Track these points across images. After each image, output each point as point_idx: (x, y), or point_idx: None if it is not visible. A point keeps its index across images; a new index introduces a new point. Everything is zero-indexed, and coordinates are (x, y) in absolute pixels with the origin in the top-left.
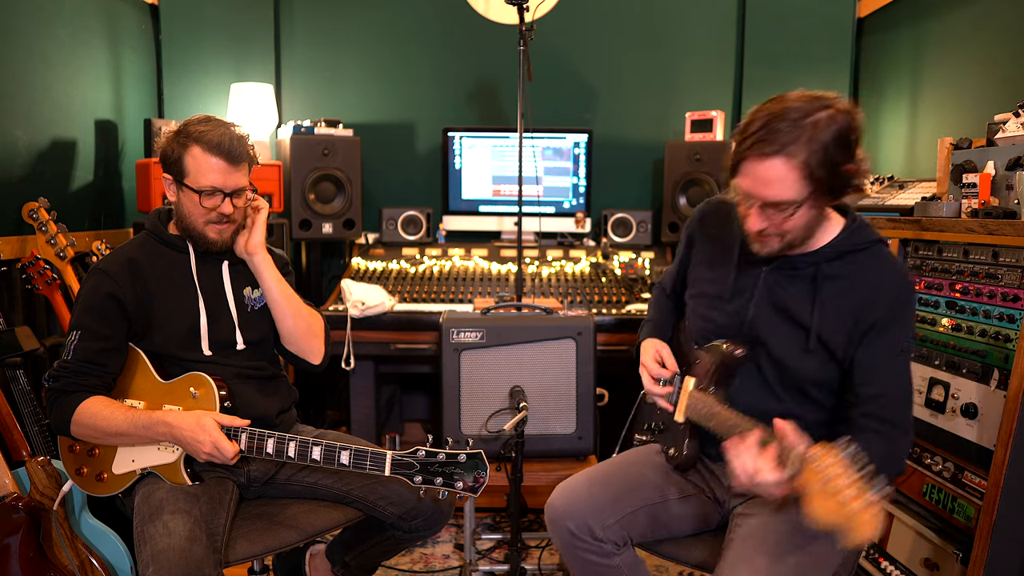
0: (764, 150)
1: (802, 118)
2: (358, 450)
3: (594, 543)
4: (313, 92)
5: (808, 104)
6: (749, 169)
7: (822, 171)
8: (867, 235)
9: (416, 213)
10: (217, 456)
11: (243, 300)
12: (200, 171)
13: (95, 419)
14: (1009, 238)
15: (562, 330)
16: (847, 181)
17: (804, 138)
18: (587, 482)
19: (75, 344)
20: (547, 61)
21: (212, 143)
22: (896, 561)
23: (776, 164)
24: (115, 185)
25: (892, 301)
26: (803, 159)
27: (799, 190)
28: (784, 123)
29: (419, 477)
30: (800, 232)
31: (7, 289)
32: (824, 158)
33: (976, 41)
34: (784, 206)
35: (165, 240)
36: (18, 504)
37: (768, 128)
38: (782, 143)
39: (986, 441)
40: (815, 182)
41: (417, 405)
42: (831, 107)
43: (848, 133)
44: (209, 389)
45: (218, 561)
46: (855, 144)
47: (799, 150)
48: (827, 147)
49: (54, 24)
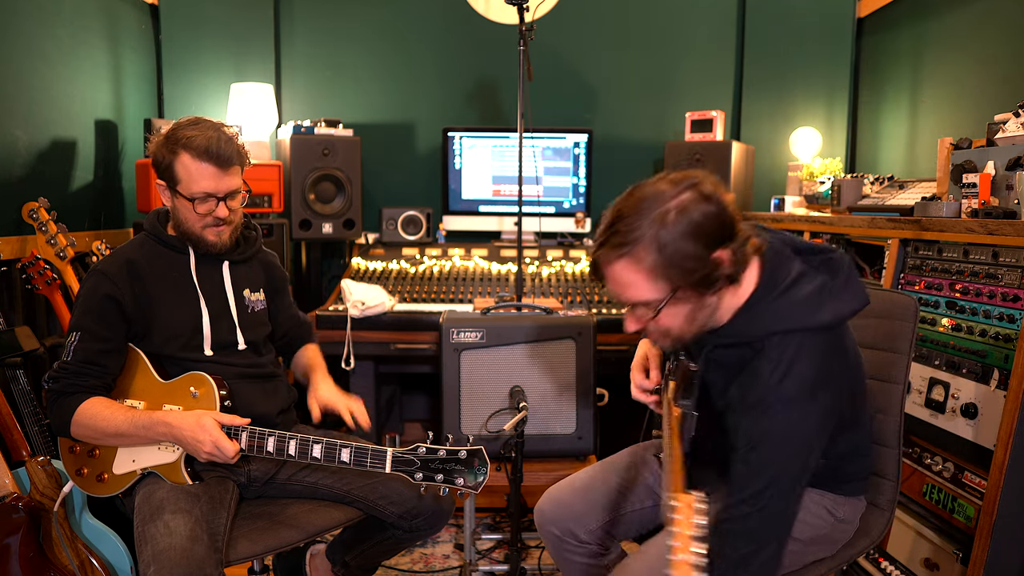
0: (609, 255)
1: (650, 213)
2: (358, 447)
3: (580, 545)
4: (313, 92)
5: (662, 193)
6: (604, 270)
7: (676, 270)
8: (763, 325)
9: (416, 213)
10: (218, 455)
11: (243, 301)
12: (191, 178)
13: (95, 420)
14: (1009, 238)
15: (562, 330)
16: (712, 274)
17: (648, 237)
18: (570, 489)
19: (75, 345)
20: (547, 61)
21: (201, 149)
22: (896, 561)
23: (622, 268)
24: (115, 185)
25: (752, 421)
26: (650, 262)
27: (655, 291)
28: (629, 222)
29: (420, 474)
30: (683, 327)
31: (7, 289)
32: (675, 256)
33: (976, 41)
34: (650, 304)
35: (164, 241)
36: (18, 504)
37: (613, 229)
38: (626, 245)
39: (986, 441)
40: (671, 281)
41: (417, 405)
42: (688, 191)
43: (705, 223)
44: (209, 388)
45: (219, 561)
46: (718, 232)
47: (644, 252)
48: (678, 243)
49: (54, 24)
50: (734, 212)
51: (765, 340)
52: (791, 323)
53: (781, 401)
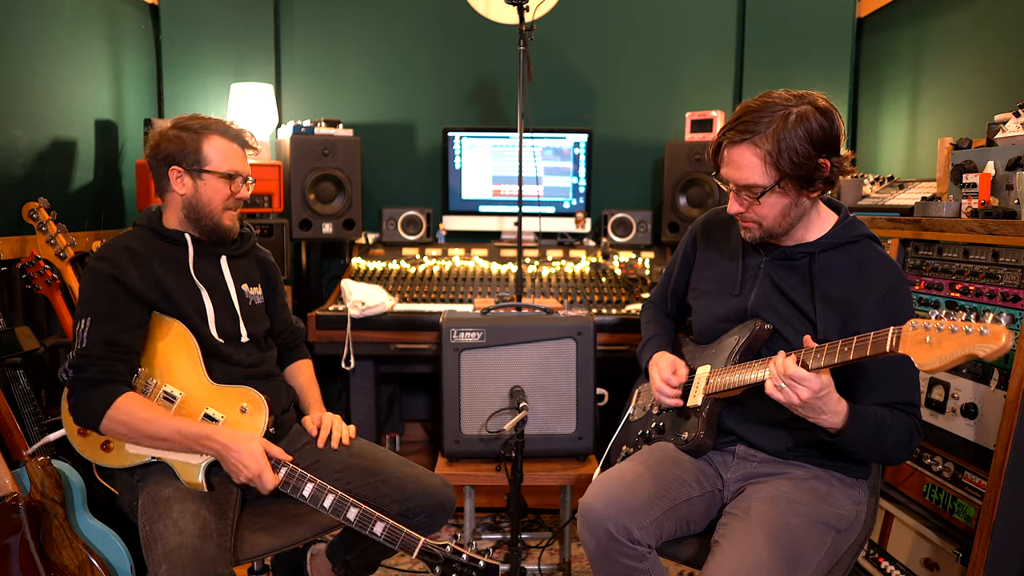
0: (734, 138)
1: (775, 112)
2: (392, 526)
3: (630, 546)
4: (313, 92)
5: (787, 100)
6: (725, 155)
7: (786, 162)
8: (859, 229)
9: (416, 213)
10: (257, 484)
11: (244, 294)
12: (223, 157)
13: (133, 419)
14: (1009, 238)
15: (562, 330)
16: (814, 174)
17: (771, 130)
18: (622, 482)
19: (88, 330)
20: (547, 61)
21: (230, 132)
22: (896, 561)
23: (743, 151)
24: (115, 185)
25: (884, 294)
26: (768, 148)
27: (765, 176)
28: (757, 115)
29: (439, 568)
30: (777, 219)
31: (7, 289)
32: (789, 150)
33: (976, 41)
34: (754, 189)
35: (162, 234)
36: (18, 504)
37: (741, 119)
38: (751, 133)
39: (986, 441)
40: (780, 171)
41: (417, 405)
42: (808, 105)
43: (818, 130)
44: (260, 407)
45: (229, 560)
46: (826, 141)
47: (764, 140)
48: (793, 140)
49: (54, 24)
50: (841, 130)
51: (862, 240)
52: (869, 231)
53: (899, 274)
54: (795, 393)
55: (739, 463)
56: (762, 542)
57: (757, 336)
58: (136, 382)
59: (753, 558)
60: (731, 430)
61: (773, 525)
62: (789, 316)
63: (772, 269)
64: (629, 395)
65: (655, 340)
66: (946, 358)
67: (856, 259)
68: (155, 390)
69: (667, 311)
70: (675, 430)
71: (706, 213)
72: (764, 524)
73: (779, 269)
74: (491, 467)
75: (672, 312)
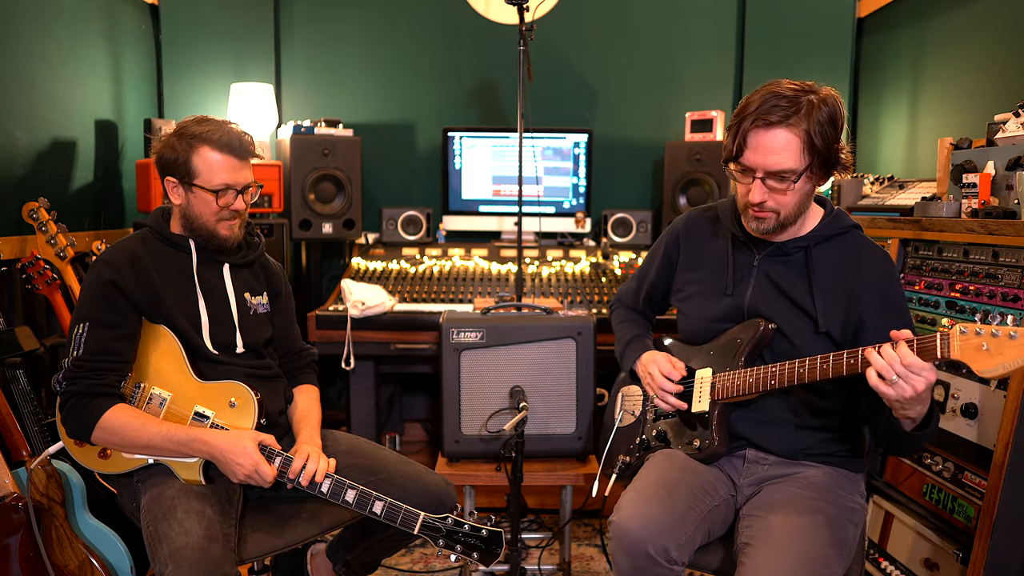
0: (770, 119)
1: (799, 96)
2: (392, 503)
3: (667, 567)
4: (313, 92)
5: (800, 87)
6: (754, 141)
7: (820, 142)
8: (845, 220)
9: (416, 213)
10: (255, 479)
11: (245, 303)
12: (212, 170)
13: (124, 429)
14: (1009, 238)
15: (562, 330)
16: (837, 157)
17: (803, 111)
18: (657, 500)
19: (85, 336)
20: (547, 61)
21: (221, 142)
22: (896, 561)
23: (780, 133)
24: (115, 185)
25: (881, 280)
26: (804, 128)
27: (801, 159)
28: (783, 100)
29: (442, 541)
30: (795, 208)
31: (7, 289)
32: (821, 131)
33: (976, 41)
34: (786, 175)
35: (167, 239)
36: (18, 504)
37: (769, 103)
38: (785, 114)
39: (986, 441)
40: (814, 153)
41: (417, 405)
42: (820, 91)
43: (836, 114)
44: (248, 402)
45: (235, 560)
46: (842, 125)
47: (800, 121)
48: (822, 122)
49: (54, 24)
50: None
51: (851, 230)
52: (854, 221)
53: (889, 260)
54: (910, 385)
55: (750, 467)
56: (798, 540)
57: (762, 337)
58: (125, 388)
59: (791, 555)
60: (740, 435)
61: (800, 523)
62: (787, 312)
63: (767, 266)
64: (611, 400)
65: (637, 340)
66: (1009, 365)
67: (848, 249)
68: (144, 393)
69: (639, 310)
70: (682, 438)
71: (685, 213)
72: (791, 523)
73: (774, 265)
74: (491, 467)
75: (644, 312)
